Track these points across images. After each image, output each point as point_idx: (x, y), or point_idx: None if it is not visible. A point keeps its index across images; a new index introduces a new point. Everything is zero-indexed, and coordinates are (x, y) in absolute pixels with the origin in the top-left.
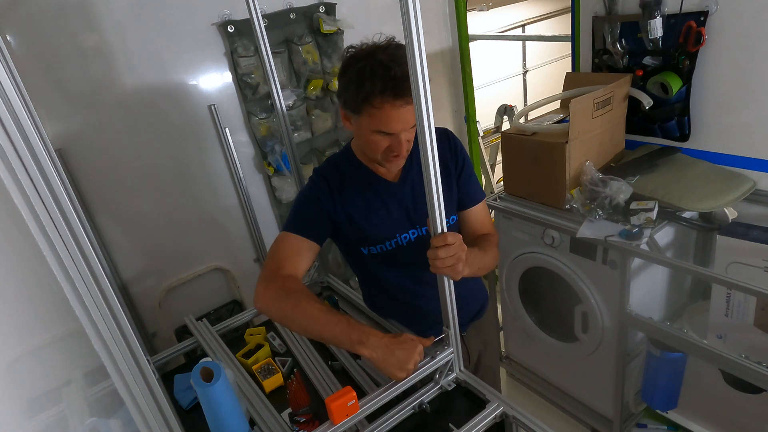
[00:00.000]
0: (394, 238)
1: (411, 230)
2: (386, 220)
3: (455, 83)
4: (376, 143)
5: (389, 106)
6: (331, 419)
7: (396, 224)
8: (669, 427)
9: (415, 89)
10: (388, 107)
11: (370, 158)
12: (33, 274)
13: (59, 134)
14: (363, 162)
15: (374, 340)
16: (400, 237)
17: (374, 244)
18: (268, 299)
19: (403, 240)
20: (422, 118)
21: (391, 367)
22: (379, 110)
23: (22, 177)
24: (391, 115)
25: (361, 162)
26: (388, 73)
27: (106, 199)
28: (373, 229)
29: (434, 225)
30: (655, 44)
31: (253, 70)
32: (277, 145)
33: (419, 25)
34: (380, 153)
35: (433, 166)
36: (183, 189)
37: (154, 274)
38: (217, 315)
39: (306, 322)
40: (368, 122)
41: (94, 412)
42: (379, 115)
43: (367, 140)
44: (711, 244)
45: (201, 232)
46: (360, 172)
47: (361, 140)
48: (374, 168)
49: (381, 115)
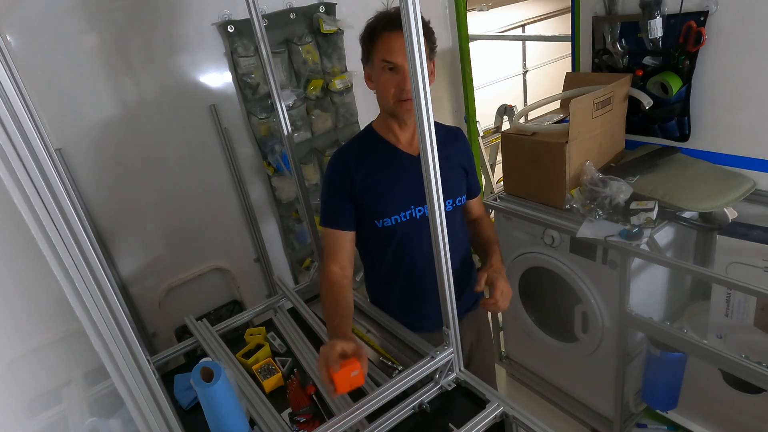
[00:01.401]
0: (409, 210)
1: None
2: (402, 192)
3: (455, 83)
4: (386, 84)
5: (394, 36)
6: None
7: (412, 197)
8: (669, 427)
9: (415, 89)
10: (393, 37)
11: (387, 111)
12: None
13: (59, 134)
14: (383, 135)
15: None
16: (415, 210)
17: (389, 215)
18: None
19: (417, 213)
20: (422, 118)
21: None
22: (383, 42)
23: (22, 177)
24: (393, 44)
25: (381, 135)
26: (390, 14)
27: (106, 199)
28: (389, 200)
29: (432, 218)
30: (655, 44)
31: (253, 70)
32: (277, 145)
33: (419, 26)
34: (392, 98)
35: (433, 165)
36: (183, 189)
37: (154, 274)
38: (217, 315)
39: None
40: (378, 60)
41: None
42: (384, 46)
43: (380, 84)
44: (711, 244)
45: (201, 232)
46: (379, 144)
47: (378, 90)
48: (395, 141)
49: (385, 46)
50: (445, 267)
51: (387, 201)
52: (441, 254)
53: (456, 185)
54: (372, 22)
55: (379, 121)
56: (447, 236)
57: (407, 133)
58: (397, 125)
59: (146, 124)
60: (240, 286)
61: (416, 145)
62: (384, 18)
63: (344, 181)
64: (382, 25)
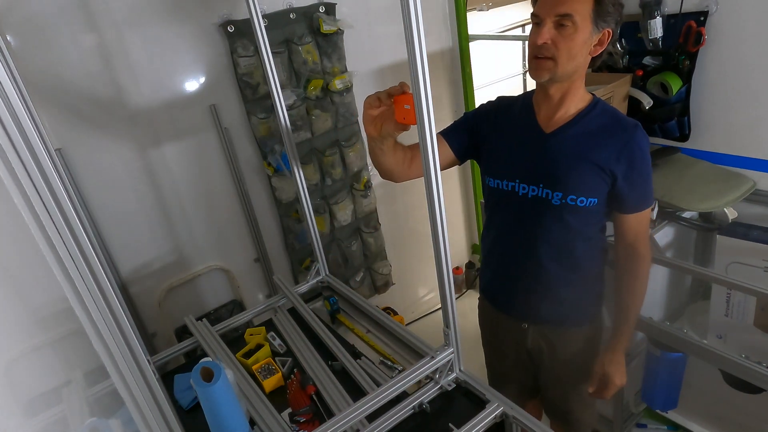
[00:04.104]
0: (514, 182)
1: (532, 186)
2: (516, 162)
3: (455, 83)
4: (532, 40)
5: None
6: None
7: (522, 172)
8: (669, 427)
9: (415, 89)
10: None
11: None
12: (33, 274)
13: (59, 134)
14: (533, 103)
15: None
16: (519, 185)
17: (497, 177)
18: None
19: (521, 190)
20: (422, 118)
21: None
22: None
23: (22, 177)
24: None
25: (532, 103)
26: None
27: (106, 199)
28: (500, 164)
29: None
30: (655, 44)
31: (253, 70)
32: (277, 145)
33: (419, 25)
34: (532, 54)
35: (433, 166)
36: (183, 189)
37: (154, 274)
38: (217, 315)
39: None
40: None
41: (94, 412)
42: (535, 2)
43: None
44: (711, 244)
45: (201, 232)
46: (525, 108)
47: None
48: (537, 111)
49: (535, 2)
50: (445, 267)
51: (497, 163)
52: (441, 254)
53: (577, 181)
54: None
55: (539, 88)
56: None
57: (548, 106)
58: (542, 94)
59: (146, 124)
60: (240, 286)
61: (553, 122)
62: None
63: (482, 117)
64: None
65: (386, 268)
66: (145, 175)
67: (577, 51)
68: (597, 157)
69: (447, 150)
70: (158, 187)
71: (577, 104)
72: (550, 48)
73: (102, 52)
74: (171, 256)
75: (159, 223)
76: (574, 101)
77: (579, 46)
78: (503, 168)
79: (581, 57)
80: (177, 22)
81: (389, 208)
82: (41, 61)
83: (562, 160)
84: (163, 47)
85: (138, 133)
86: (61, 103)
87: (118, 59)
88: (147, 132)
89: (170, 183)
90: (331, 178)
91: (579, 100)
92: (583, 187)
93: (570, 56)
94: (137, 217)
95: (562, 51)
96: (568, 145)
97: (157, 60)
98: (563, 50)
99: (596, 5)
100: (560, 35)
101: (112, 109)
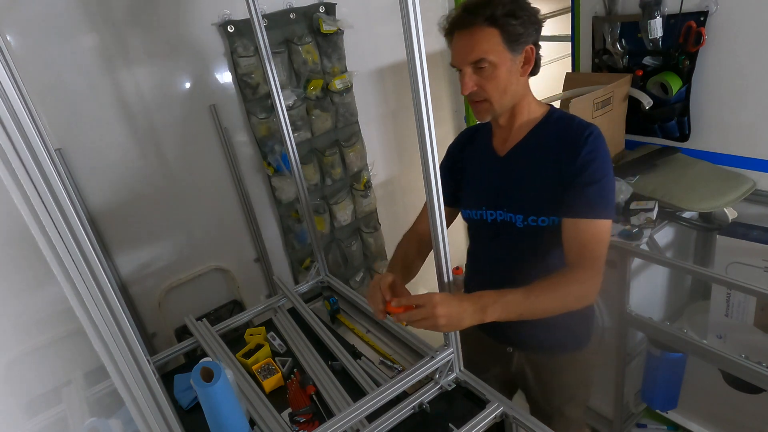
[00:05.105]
0: (481, 210)
1: (499, 211)
2: (479, 190)
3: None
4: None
5: (449, 40)
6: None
7: (486, 198)
8: (669, 427)
9: (415, 89)
10: (453, 40)
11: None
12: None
13: (59, 134)
14: (493, 127)
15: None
16: (487, 212)
17: (467, 208)
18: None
19: (489, 216)
20: (422, 118)
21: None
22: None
23: (22, 177)
24: (452, 49)
25: (492, 127)
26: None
27: (106, 198)
28: (468, 194)
29: (434, 226)
30: (655, 44)
31: (253, 70)
32: (277, 145)
33: (419, 25)
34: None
35: (433, 165)
36: (183, 189)
37: (154, 274)
38: (217, 315)
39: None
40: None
41: (94, 412)
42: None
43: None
44: (711, 244)
45: (201, 232)
46: (485, 135)
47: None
48: (494, 135)
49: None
50: (445, 267)
51: (465, 193)
52: (441, 254)
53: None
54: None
55: None
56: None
57: (501, 130)
58: (494, 121)
59: (146, 124)
60: (240, 286)
61: (507, 144)
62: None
63: (451, 157)
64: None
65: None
66: (145, 175)
67: (505, 84)
68: (552, 171)
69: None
70: (158, 187)
71: (529, 121)
72: (479, 92)
73: (102, 52)
74: (171, 256)
75: (159, 223)
76: (524, 120)
77: (506, 80)
78: (470, 198)
79: (513, 85)
80: (177, 22)
81: (389, 209)
82: (41, 61)
83: (516, 181)
84: (163, 47)
85: (138, 133)
86: (61, 103)
87: (118, 59)
88: (147, 132)
89: (170, 183)
90: (331, 178)
91: (530, 116)
92: (542, 207)
93: (501, 92)
94: (137, 217)
95: (492, 91)
96: (520, 166)
97: (157, 60)
98: (492, 90)
99: (503, 35)
100: (482, 78)
101: (112, 109)
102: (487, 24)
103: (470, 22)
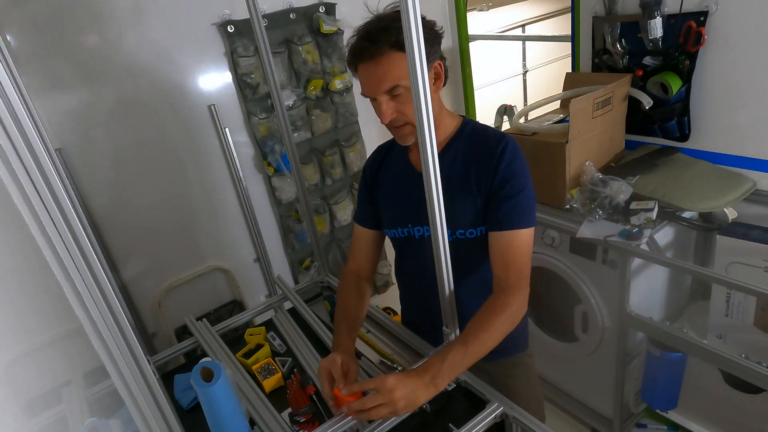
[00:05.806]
0: (407, 227)
1: (425, 226)
2: (404, 208)
3: (455, 83)
4: (379, 117)
5: (361, 69)
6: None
7: (411, 215)
8: (669, 427)
9: (414, 89)
10: (360, 71)
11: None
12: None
13: (59, 134)
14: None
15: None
16: (413, 229)
17: (391, 227)
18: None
19: (416, 233)
20: (422, 118)
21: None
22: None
23: (22, 177)
24: (361, 80)
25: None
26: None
27: (106, 199)
28: (390, 214)
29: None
30: (655, 44)
31: (253, 70)
32: (277, 145)
33: (419, 25)
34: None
35: (432, 166)
36: (183, 189)
37: (154, 274)
38: (217, 315)
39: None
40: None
41: (94, 412)
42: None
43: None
44: (711, 244)
45: (201, 232)
46: (400, 154)
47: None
48: (411, 151)
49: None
50: (444, 267)
51: (387, 213)
52: (441, 253)
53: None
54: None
55: None
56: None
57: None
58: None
59: (146, 124)
60: (240, 286)
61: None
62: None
63: (367, 181)
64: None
65: (386, 268)
66: (145, 175)
67: None
68: (470, 183)
69: (365, 234)
70: (158, 187)
71: (444, 135)
72: (399, 117)
73: (102, 52)
74: (171, 256)
75: (159, 223)
76: (439, 134)
77: None
78: (393, 216)
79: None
80: (177, 22)
81: None
82: (41, 60)
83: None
84: (163, 47)
85: (138, 133)
86: (61, 103)
87: (118, 59)
88: (147, 132)
89: (170, 183)
90: (331, 178)
91: (446, 130)
92: (465, 220)
93: None
94: (137, 217)
95: (411, 114)
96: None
97: (157, 60)
98: (412, 112)
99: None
100: (400, 103)
101: (112, 109)
102: (393, 50)
103: (375, 51)
